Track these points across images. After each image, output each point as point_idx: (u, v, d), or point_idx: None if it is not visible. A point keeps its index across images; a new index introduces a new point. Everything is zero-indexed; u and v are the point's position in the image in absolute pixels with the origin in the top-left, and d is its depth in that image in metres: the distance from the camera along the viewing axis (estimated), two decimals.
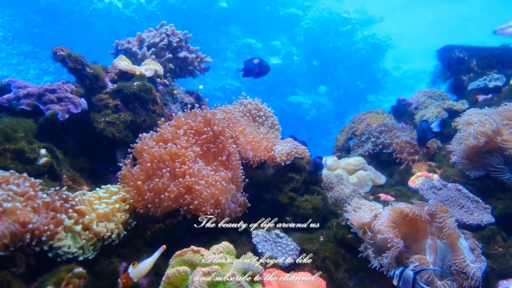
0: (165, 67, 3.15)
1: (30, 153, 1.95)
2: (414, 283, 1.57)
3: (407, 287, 1.59)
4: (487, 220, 2.29)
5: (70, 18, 12.71)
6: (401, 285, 1.61)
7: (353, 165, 3.39)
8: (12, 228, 1.45)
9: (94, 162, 2.54)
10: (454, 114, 3.66)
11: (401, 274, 1.62)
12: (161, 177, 1.96)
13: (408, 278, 1.59)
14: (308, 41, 15.27)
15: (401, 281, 1.61)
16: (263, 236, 2.00)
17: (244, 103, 2.86)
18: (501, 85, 3.84)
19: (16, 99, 2.28)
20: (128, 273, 1.50)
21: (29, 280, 1.51)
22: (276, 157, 2.45)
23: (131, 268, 1.51)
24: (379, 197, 2.83)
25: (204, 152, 2.24)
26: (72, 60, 2.47)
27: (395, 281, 1.64)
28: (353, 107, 15.14)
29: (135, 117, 2.55)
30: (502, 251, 2.09)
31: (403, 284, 1.60)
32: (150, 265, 1.54)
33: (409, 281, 1.58)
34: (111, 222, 1.81)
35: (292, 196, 2.37)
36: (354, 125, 4.28)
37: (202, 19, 13.92)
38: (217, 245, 1.67)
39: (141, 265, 1.52)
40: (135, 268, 1.51)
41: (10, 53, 12.32)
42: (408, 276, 1.59)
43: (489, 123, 2.51)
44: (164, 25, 3.30)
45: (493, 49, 4.24)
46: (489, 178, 2.57)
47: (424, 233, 1.91)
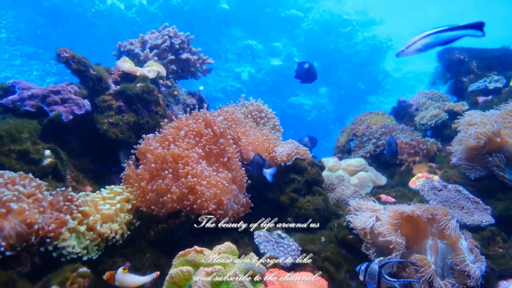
0: (167, 69, 3.18)
1: (34, 154, 1.97)
2: (380, 277, 1.59)
3: (373, 281, 1.61)
4: (487, 221, 2.30)
5: (73, 19, 12.75)
6: (367, 280, 1.63)
7: (354, 166, 3.41)
8: (18, 229, 1.47)
9: (97, 162, 2.57)
10: (455, 115, 3.67)
11: (366, 269, 1.64)
12: (164, 178, 1.98)
13: (373, 272, 1.60)
14: (309, 42, 15.29)
15: (367, 275, 1.63)
16: (265, 236, 2.02)
17: (246, 105, 2.88)
18: (501, 87, 3.86)
19: (21, 100, 2.30)
20: (115, 273, 1.51)
21: (34, 280, 1.53)
22: (277, 158, 2.47)
23: (120, 272, 1.51)
24: (380, 198, 2.85)
25: (206, 153, 2.25)
26: (76, 61, 2.49)
27: (361, 276, 1.65)
28: (353, 108, 15.13)
29: (138, 118, 2.57)
30: (502, 251, 2.10)
31: (369, 278, 1.62)
32: (135, 284, 1.53)
33: (374, 275, 1.60)
34: (115, 222, 1.83)
35: (294, 197, 2.39)
36: (355, 126, 4.30)
37: (203, 21, 13.96)
38: (220, 245, 1.69)
39: (129, 277, 1.52)
40: (124, 275, 1.51)
41: (13, 54, 12.36)
42: (373, 270, 1.61)
43: (489, 124, 2.53)
44: (166, 27, 3.32)
45: (493, 51, 4.25)
46: (490, 179, 2.59)
47: (424, 234, 1.93)
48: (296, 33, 15.41)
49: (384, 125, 3.90)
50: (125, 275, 1.51)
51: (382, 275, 1.59)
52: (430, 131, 3.99)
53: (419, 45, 1.33)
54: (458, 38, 1.43)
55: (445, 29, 1.38)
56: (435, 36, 1.35)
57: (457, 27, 1.40)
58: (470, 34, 1.41)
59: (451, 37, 1.40)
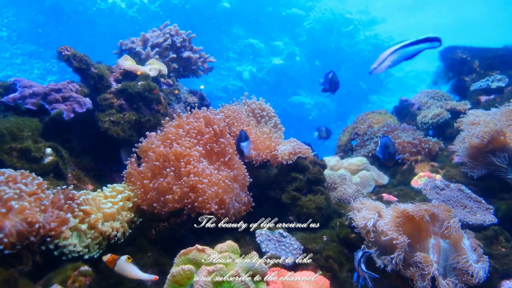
0: (168, 67, 3.17)
1: (36, 152, 1.97)
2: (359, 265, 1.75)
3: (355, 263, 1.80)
4: (489, 220, 2.29)
5: (74, 18, 12.77)
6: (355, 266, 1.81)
7: (355, 165, 3.40)
8: (19, 227, 1.47)
9: (99, 161, 2.56)
10: (457, 114, 3.66)
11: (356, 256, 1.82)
12: (166, 176, 1.97)
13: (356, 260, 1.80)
14: (310, 41, 15.28)
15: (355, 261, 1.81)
16: (266, 235, 2.01)
17: (248, 103, 2.87)
18: (504, 86, 3.84)
19: (22, 98, 2.30)
20: (118, 259, 1.51)
21: (35, 278, 1.52)
22: (278, 156, 2.46)
23: (123, 259, 1.51)
24: (382, 197, 2.84)
25: (207, 151, 2.25)
26: (77, 60, 2.49)
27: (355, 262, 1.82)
28: (355, 107, 15.13)
29: (140, 116, 2.56)
30: (505, 251, 2.09)
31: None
32: (133, 276, 1.52)
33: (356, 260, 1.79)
34: (116, 221, 1.82)
35: (296, 196, 2.38)
36: (357, 125, 4.28)
37: (204, 19, 13.96)
38: (222, 244, 1.68)
39: (130, 267, 1.51)
40: (126, 263, 1.50)
41: (14, 53, 12.38)
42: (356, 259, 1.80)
43: (492, 123, 2.51)
44: (168, 25, 3.32)
45: (495, 50, 4.23)
46: (492, 178, 2.58)
47: (427, 233, 1.92)
48: (297, 32, 15.41)
49: (386, 124, 3.88)
50: (127, 264, 1.51)
51: (360, 264, 1.73)
52: (432, 130, 3.97)
53: (389, 62, 1.37)
54: (421, 51, 1.52)
55: (408, 44, 1.45)
56: (401, 51, 1.41)
57: (418, 41, 1.47)
58: (431, 47, 1.49)
59: (415, 51, 1.48)
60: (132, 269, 1.52)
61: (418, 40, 1.46)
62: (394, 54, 1.43)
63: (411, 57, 1.49)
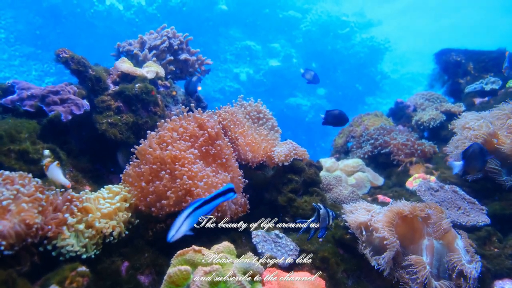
0: (166, 69, 3.19)
1: (34, 153, 1.98)
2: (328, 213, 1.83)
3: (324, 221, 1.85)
4: (482, 221, 2.32)
5: (72, 20, 12.74)
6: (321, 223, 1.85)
7: (351, 167, 3.43)
8: (17, 228, 1.48)
9: (96, 162, 2.58)
10: (452, 116, 3.70)
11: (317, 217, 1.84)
12: (161, 179, 1.99)
13: (324, 215, 1.84)
14: (307, 43, 15.33)
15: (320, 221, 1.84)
16: (263, 236, 2.03)
17: (245, 105, 2.90)
18: (498, 88, 3.89)
19: (20, 100, 2.31)
20: (50, 163, 1.83)
21: (33, 279, 1.54)
22: (274, 158, 2.49)
23: (54, 164, 1.82)
24: (377, 198, 2.87)
25: (203, 153, 2.26)
26: (75, 62, 2.50)
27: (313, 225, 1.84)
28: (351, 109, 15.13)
29: (137, 118, 2.58)
30: (497, 251, 2.12)
31: (322, 221, 1.85)
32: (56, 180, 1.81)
33: (325, 217, 1.84)
34: (113, 220, 1.84)
35: (291, 197, 2.40)
36: (353, 127, 4.32)
37: (202, 22, 13.98)
38: (218, 245, 1.70)
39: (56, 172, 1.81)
40: (55, 168, 1.81)
41: (12, 54, 12.34)
42: (323, 213, 1.84)
43: (485, 126, 2.55)
44: (165, 27, 3.34)
45: (489, 53, 4.29)
46: (486, 180, 2.61)
47: (420, 234, 1.94)
48: (294, 34, 15.46)
49: (381, 126, 3.92)
50: (55, 168, 1.81)
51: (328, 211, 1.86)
52: (427, 132, 4.02)
53: (186, 226, 1.37)
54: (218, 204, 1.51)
55: (203, 202, 1.44)
56: (195, 214, 1.41)
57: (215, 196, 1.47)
58: (228, 197, 1.52)
59: (212, 206, 1.48)
60: (57, 173, 1.81)
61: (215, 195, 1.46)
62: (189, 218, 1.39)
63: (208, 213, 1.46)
